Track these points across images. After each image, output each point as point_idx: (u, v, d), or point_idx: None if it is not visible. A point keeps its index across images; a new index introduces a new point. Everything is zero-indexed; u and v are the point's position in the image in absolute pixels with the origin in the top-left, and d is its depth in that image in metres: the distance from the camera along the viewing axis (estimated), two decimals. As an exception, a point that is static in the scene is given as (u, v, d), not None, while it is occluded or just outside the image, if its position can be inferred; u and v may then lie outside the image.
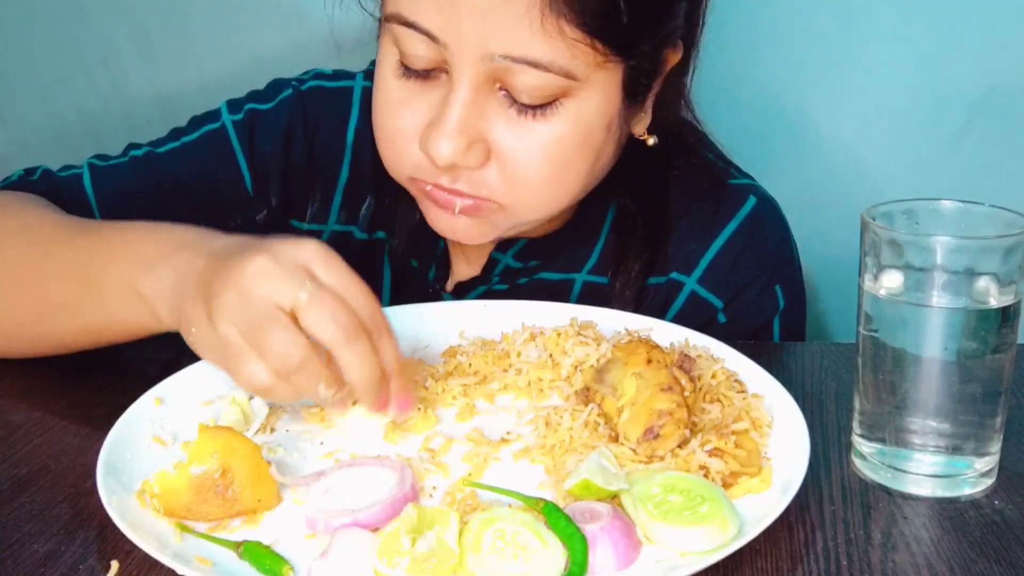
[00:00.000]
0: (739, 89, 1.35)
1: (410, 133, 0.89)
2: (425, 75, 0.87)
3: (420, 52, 0.85)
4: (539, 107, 0.85)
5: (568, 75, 0.83)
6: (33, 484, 0.74)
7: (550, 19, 0.80)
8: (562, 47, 0.82)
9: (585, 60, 0.83)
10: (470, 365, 0.85)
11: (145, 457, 0.73)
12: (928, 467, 0.71)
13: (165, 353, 0.95)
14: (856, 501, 0.71)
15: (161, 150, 1.06)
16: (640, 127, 0.96)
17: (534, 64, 0.82)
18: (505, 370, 0.84)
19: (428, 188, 0.91)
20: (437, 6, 0.82)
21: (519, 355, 0.85)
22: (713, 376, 0.79)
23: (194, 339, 0.72)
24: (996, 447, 0.72)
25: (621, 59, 0.86)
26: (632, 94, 0.90)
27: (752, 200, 1.02)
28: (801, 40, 1.36)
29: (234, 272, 0.69)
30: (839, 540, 0.66)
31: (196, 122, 1.08)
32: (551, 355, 0.84)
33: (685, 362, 0.77)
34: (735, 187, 1.04)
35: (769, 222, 1.03)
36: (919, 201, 0.73)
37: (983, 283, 0.68)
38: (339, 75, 1.11)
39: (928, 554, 0.65)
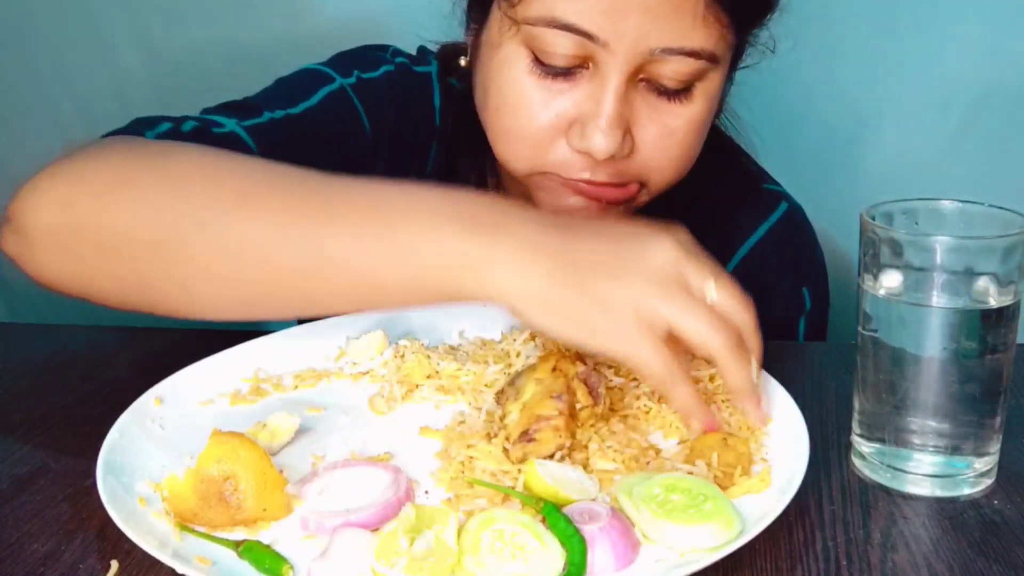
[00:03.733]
0: (738, 88, 1.35)
1: (555, 131, 0.88)
2: (565, 72, 0.86)
3: (566, 51, 0.84)
4: (679, 92, 0.87)
5: (713, 58, 0.86)
6: (33, 483, 0.74)
7: (711, 9, 0.83)
8: (715, 33, 0.84)
9: (726, 43, 0.86)
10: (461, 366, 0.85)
11: (145, 457, 0.73)
12: (927, 467, 0.71)
13: (165, 352, 0.95)
14: (856, 501, 0.71)
15: (296, 111, 1.00)
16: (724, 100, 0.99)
17: (690, 53, 0.84)
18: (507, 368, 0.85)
19: (571, 184, 0.90)
20: (601, 9, 0.82)
21: (519, 355, 0.85)
22: (711, 379, 0.80)
23: (581, 321, 0.68)
24: (995, 447, 0.72)
25: (740, 39, 0.90)
26: (732, 72, 0.94)
27: (784, 205, 1.06)
28: (800, 40, 1.36)
29: (642, 255, 0.69)
30: (839, 540, 0.66)
31: (304, 83, 1.01)
32: (551, 355, 0.84)
33: (591, 377, 0.76)
34: (768, 191, 1.07)
35: (801, 227, 1.07)
36: (919, 201, 0.73)
37: (982, 283, 0.68)
38: (416, 58, 1.09)
39: (927, 554, 0.65)
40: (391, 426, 0.80)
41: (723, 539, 0.62)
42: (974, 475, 0.72)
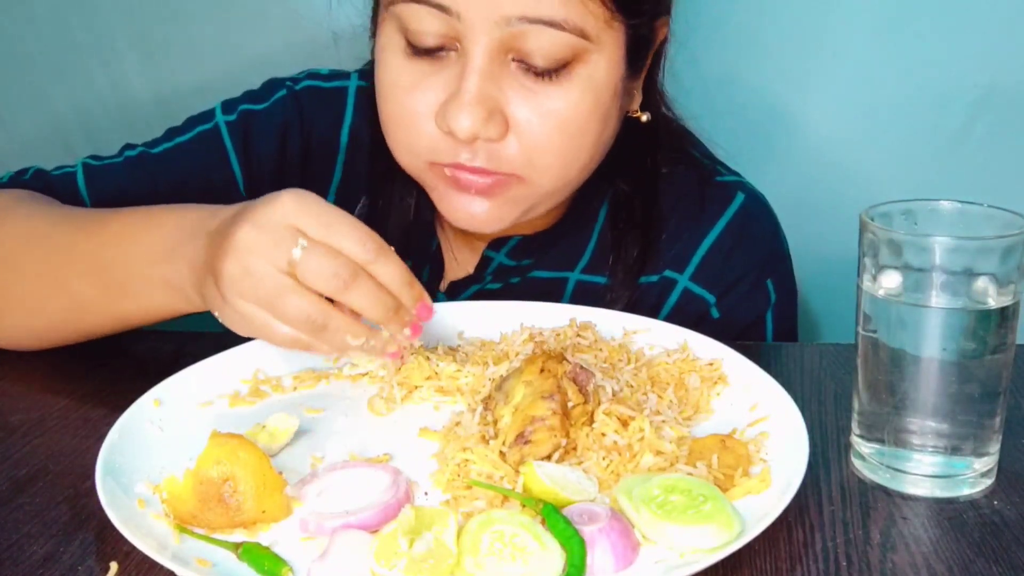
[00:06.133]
0: (738, 89, 1.35)
1: (424, 114, 0.89)
2: (434, 54, 0.87)
3: (430, 28, 0.85)
4: (553, 73, 0.86)
5: (581, 33, 0.85)
6: (32, 485, 0.74)
7: None
8: (576, 3, 0.83)
9: (596, 17, 0.85)
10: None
11: (144, 458, 0.73)
12: (927, 467, 0.71)
13: (165, 353, 0.95)
14: (855, 501, 0.71)
15: (155, 151, 1.06)
16: (633, 104, 0.97)
17: (550, 23, 0.83)
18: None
19: (448, 172, 0.91)
20: None
21: (518, 355, 0.85)
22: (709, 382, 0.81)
23: (222, 321, 0.75)
24: (995, 447, 0.72)
25: (625, 19, 0.87)
26: (632, 61, 0.92)
27: (740, 196, 1.03)
28: (800, 40, 1.36)
29: (227, 250, 0.72)
30: (838, 540, 0.66)
31: (191, 122, 1.08)
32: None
33: (580, 375, 0.76)
34: (723, 184, 1.05)
35: (758, 217, 1.05)
36: (918, 201, 0.73)
37: (982, 283, 0.68)
38: (334, 75, 1.11)
39: (927, 554, 0.65)
40: (390, 427, 0.80)
41: (723, 540, 0.62)
42: (974, 475, 0.72)
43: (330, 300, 0.72)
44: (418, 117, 0.89)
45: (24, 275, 0.91)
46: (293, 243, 0.70)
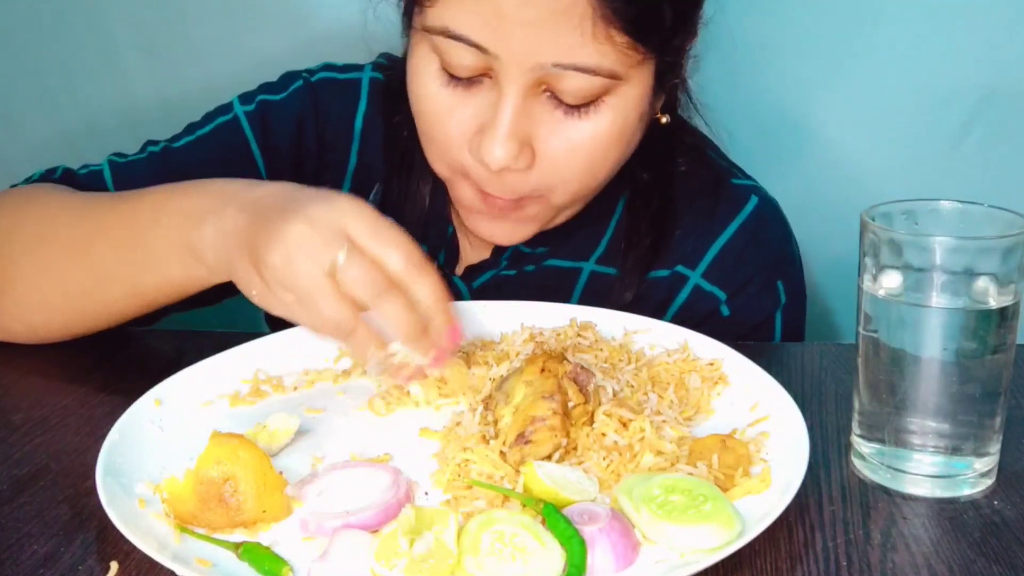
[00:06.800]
0: (740, 91, 1.35)
1: (460, 138, 0.91)
2: (469, 81, 0.89)
3: (466, 62, 0.87)
4: (582, 108, 0.88)
5: (613, 76, 0.86)
6: (33, 485, 0.74)
7: (600, 27, 0.83)
8: (610, 51, 0.84)
9: (628, 60, 0.86)
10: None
11: (145, 458, 0.73)
12: (927, 467, 0.71)
13: (165, 353, 0.95)
14: (855, 501, 0.71)
15: (177, 144, 1.08)
16: (656, 108, 0.99)
17: (583, 70, 0.85)
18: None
19: (472, 194, 0.94)
20: (486, 20, 0.83)
21: (518, 355, 0.85)
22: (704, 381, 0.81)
23: (257, 300, 0.77)
24: (995, 447, 0.72)
25: (658, 55, 0.89)
26: (661, 84, 0.93)
27: (755, 200, 1.05)
28: (802, 42, 1.36)
29: (275, 239, 0.73)
30: (838, 540, 0.66)
31: (210, 116, 1.10)
32: (550, 356, 0.84)
33: (580, 374, 0.76)
34: (738, 187, 1.06)
35: (772, 221, 1.06)
36: (918, 201, 0.73)
37: (982, 283, 0.68)
38: (348, 67, 1.13)
39: (927, 554, 0.65)
40: (391, 427, 0.80)
41: (723, 540, 0.62)
42: (974, 475, 0.72)
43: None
44: (453, 141, 0.91)
45: (53, 243, 0.92)
46: (340, 246, 0.72)
